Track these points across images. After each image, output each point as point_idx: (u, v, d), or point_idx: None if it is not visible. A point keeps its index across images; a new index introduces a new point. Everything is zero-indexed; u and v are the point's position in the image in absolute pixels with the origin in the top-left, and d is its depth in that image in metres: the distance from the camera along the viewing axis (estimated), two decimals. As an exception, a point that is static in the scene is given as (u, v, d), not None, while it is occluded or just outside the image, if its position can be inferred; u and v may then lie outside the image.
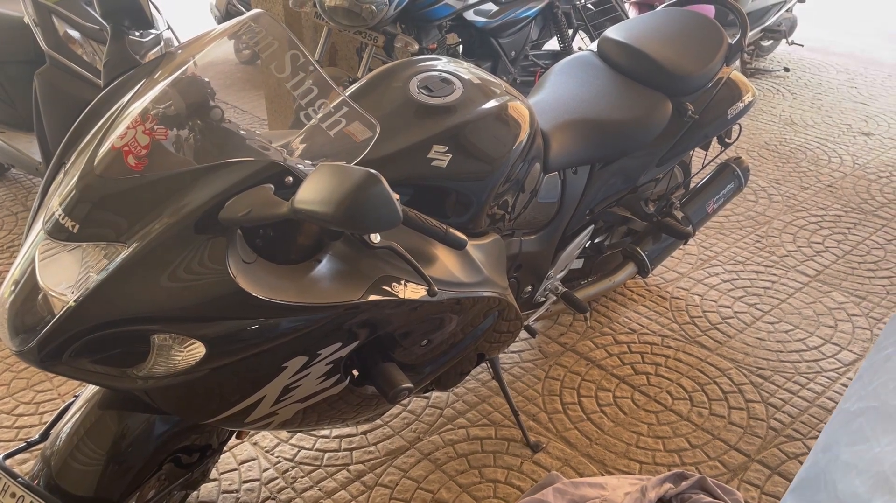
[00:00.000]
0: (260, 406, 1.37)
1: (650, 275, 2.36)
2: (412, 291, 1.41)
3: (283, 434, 2.08)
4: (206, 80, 1.38)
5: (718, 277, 2.75)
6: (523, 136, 1.63)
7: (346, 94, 1.55)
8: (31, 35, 2.73)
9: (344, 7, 2.76)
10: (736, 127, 2.35)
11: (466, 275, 1.56)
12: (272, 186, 1.19)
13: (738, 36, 2.17)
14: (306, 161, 1.29)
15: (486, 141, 1.56)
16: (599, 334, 2.47)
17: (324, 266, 1.33)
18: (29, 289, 1.25)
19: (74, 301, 1.19)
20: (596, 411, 2.17)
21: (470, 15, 3.17)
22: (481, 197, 1.59)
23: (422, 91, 1.57)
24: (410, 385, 1.49)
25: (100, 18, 2.38)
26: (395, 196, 1.10)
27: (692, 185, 2.46)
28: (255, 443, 2.05)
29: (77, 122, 1.32)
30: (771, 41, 4.80)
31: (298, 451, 2.03)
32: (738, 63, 2.25)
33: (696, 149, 2.46)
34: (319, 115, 1.29)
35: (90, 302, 1.18)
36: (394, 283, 1.39)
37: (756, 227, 3.06)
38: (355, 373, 1.49)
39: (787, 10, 4.65)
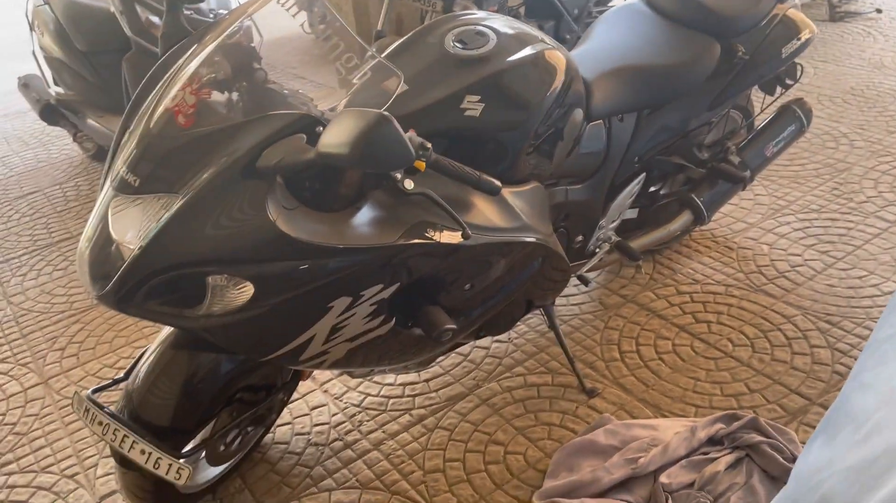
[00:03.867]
0: (312, 344, 1.49)
1: (708, 222, 2.33)
2: (447, 236, 1.49)
3: (352, 382, 2.21)
4: (252, 45, 1.49)
5: (790, 226, 2.68)
6: (557, 83, 1.67)
7: (386, 52, 1.63)
8: (116, 26, 2.96)
9: (402, -25, 2.84)
10: (798, 68, 2.28)
11: (503, 220, 1.62)
12: (304, 136, 1.29)
13: (793, -28, 2.11)
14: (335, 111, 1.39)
15: (517, 88, 1.60)
16: (661, 285, 2.47)
17: (362, 213, 1.42)
18: (103, 241, 1.40)
19: (139, 248, 1.33)
20: (654, 358, 2.19)
21: (530, -25, 3.18)
22: (516, 144, 1.64)
23: (456, 45, 1.63)
24: (453, 325, 1.57)
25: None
26: (412, 134, 1.17)
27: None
28: (325, 391, 2.20)
29: (138, 90, 1.47)
30: (862, -18, 4.54)
31: (365, 398, 2.16)
32: (795, 0, 2.18)
33: (762, 93, 2.41)
34: (348, 67, 1.38)
35: (151, 248, 1.32)
36: (429, 228, 1.47)
37: (834, 175, 2.95)
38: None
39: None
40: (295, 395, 2.17)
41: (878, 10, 4.46)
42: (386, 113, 1.13)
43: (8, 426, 2.21)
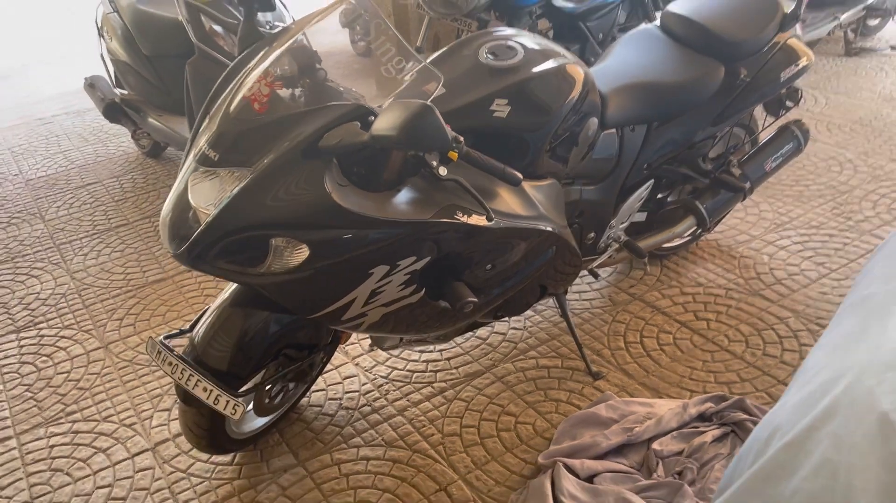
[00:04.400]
0: (353, 306, 1.73)
1: (711, 228, 2.55)
2: (474, 218, 1.73)
3: (381, 356, 2.45)
4: (315, 49, 1.76)
5: (790, 240, 2.89)
6: (575, 92, 1.91)
7: (428, 59, 1.89)
8: (181, 33, 3.26)
9: (442, -3, 3.12)
10: (799, 92, 2.51)
11: (523, 209, 1.86)
12: (358, 123, 1.54)
13: (795, 4, 2.33)
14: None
15: (540, 95, 1.85)
16: (667, 286, 2.69)
17: (403, 193, 1.67)
18: (182, 207, 1.66)
19: (213, 214, 1.58)
20: (655, 349, 2.40)
21: (558, 1, 3.44)
22: (537, 143, 1.88)
23: (488, 56, 1.88)
24: (475, 299, 1.81)
25: (235, 13, 2.85)
26: (448, 128, 1.42)
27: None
28: (356, 364, 2.44)
29: (218, 82, 1.73)
30: (878, 20, 4.75)
31: (392, 371, 2.40)
32: (797, 29, 2.41)
33: (766, 114, 2.64)
34: (398, 68, 1.63)
35: (224, 214, 1.57)
36: (458, 211, 1.71)
37: (836, 196, 3.16)
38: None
39: (895, -12, 4.59)
40: (328, 367, 2.41)
41: (893, 48, 4.66)
42: (429, 103, 1.38)
43: (72, 382, 2.47)
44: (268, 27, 2.83)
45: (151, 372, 2.47)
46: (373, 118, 1.56)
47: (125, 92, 3.79)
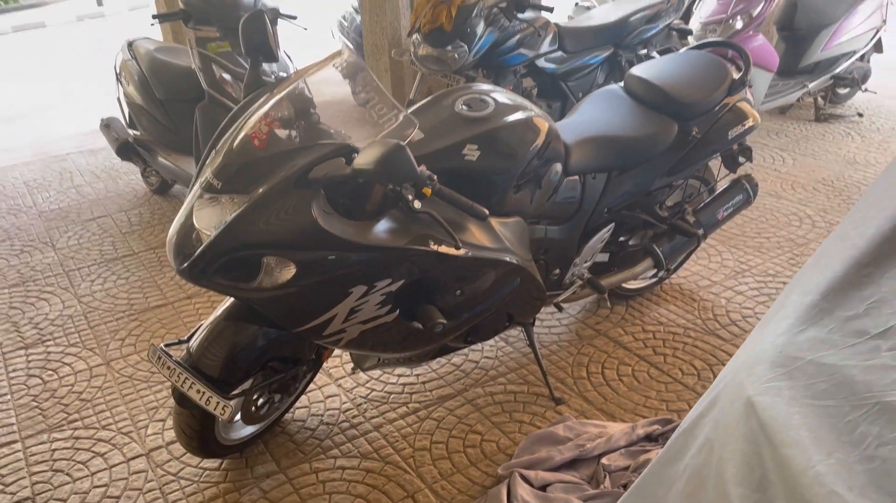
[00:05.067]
0: (334, 322, 1.95)
1: (668, 270, 2.78)
2: (444, 247, 1.96)
3: (361, 378, 2.65)
4: (311, 96, 2.01)
5: (748, 285, 3.12)
6: (539, 141, 2.16)
7: (410, 109, 2.15)
8: (193, 80, 3.56)
9: (433, 55, 3.42)
10: (750, 150, 2.77)
11: (490, 241, 2.10)
12: (343, 159, 1.79)
13: (742, 72, 2.61)
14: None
15: (507, 142, 2.10)
16: (631, 324, 2.90)
17: (382, 223, 1.90)
18: (187, 229, 1.89)
19: (214, 235, 1.81)
20: (615, 379, 2.60)
21: (541, 62, 3.74)
22: (504, 184, 2.13)
23: (463, 107, 2.14)
24: (444, 321, 2.03)
25: (243, 62, 3.13)
26: (423, 166, 1.67)
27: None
28: (339, 385, 2.64)
29: (224, 122, 1.99)
30: (847, 89, 5.07)
31: (371, 392, 2.60)
32: (745, 93, 2.68)
33: (723, 169, 2.90)
34: (380, 114, 1.89)
35: (223, 235, 1.80)
36: (430, 240, 1.94)
37: (793, 248, 3.40)
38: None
39: (861, 60, 4.93)
40: (313, 387, 2.61)
41: (860, 114, 4.96)
42: (401, 142, 1.63)
43: (75, 394, 2.67)
44: (272, 76, 3.11)
45: (149, 387, 2.67)
46: (355, 155, 1.81)
47: (138, 133, 4.07)
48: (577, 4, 5.21)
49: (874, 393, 1.04)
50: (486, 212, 1.91)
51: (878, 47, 4.99)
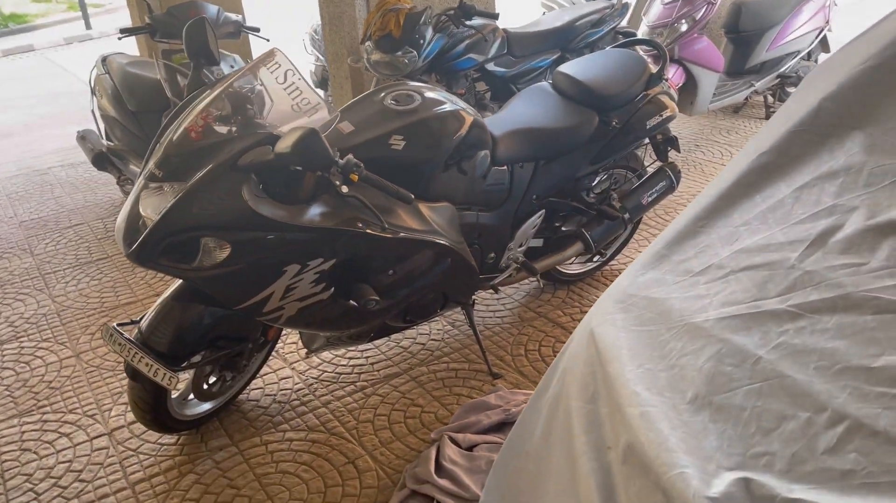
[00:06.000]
0: (271, 299, 2.13)
1: (606, 257, 2.97)
2: (371, 228, 2.15)
3: (314, 361, 2.83)
4: (244, 92, 2.20)
5: (683, 269, 3.29)
6: (462, 131, 2.35)
7: (342, 107, 2.34)
8: (162, 91, 3.75)
9: (384, 61, 3.62)
10: (677, 140, 2.96)
11: (418, 224, 2.28)
12: (270, 146, 1.98)
13: (660, 66, 2.81)
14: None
15: (430, 132, 2.29)
16: (569, 306, 3.08)
17: (314, 207, 2.08)
18: (134, 216, 2.07)
19: (156, 220, 2.00)
20: (550, 356, 2.78)
21: (491, 66, 3.94)
22: (429, 171, 2.31)
23: (391, 102, 2.33)
24: (377, 298, 2.21)
25: (206, 72, 3.32)
26: (348, 157, 1.86)
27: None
28: (293, 368, 2.81)
29: (168, 118, 2.18)
30: (795, 87, 5.26)
31: (322, 373, 2.77)
32: (664, 85, 2.87)
33: (652, 157, 3.09)
34: (303, 105, 2.08)
35: (164, 219, 1.98)
36: (358, 222, 2.13)
37: (731, 234, 3.58)
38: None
39: (809, 59, 5.13)
40: (267, 370, 2.79)
41: (809, 111, 5.16)
42: (314, 128, 1.82)
43: (45, 383, 2.84)
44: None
45: (114, 375, 2.84)
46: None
47: (112, 143, 4.27)
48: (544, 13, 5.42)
49: (685, 317, 1.22)
50: (412, 196, 2.10)
51: (824, 47, 5.20)
